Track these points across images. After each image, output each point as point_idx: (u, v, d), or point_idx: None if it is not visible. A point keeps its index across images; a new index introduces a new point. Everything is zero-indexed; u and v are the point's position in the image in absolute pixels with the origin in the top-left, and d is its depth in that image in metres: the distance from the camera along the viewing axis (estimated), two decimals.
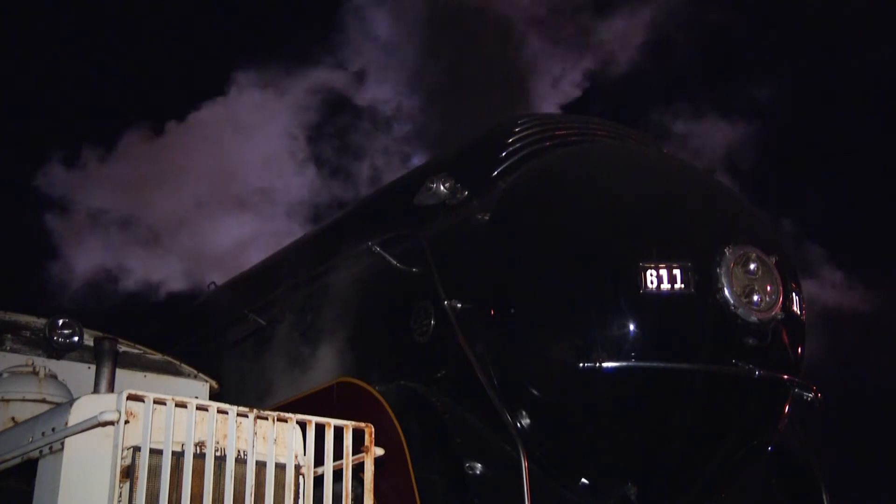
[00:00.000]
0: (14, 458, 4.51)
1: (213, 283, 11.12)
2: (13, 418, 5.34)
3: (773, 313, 6.41)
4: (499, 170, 7.27)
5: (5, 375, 5.76)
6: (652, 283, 6.31)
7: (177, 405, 4.29)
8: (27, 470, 4.42)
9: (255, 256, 11.46)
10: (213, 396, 6.85)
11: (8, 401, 5.53)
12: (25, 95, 16.56)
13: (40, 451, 4.36)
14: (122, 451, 4.15)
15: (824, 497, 6.87)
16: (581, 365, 6.27)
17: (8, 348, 6.39)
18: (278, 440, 4.57)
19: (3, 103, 16.13)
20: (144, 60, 16.75)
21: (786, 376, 6.63)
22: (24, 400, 5.52)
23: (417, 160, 10.55)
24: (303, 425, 4.65)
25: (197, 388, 6.92)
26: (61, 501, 4.15)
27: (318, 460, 4.65)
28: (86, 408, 4.29)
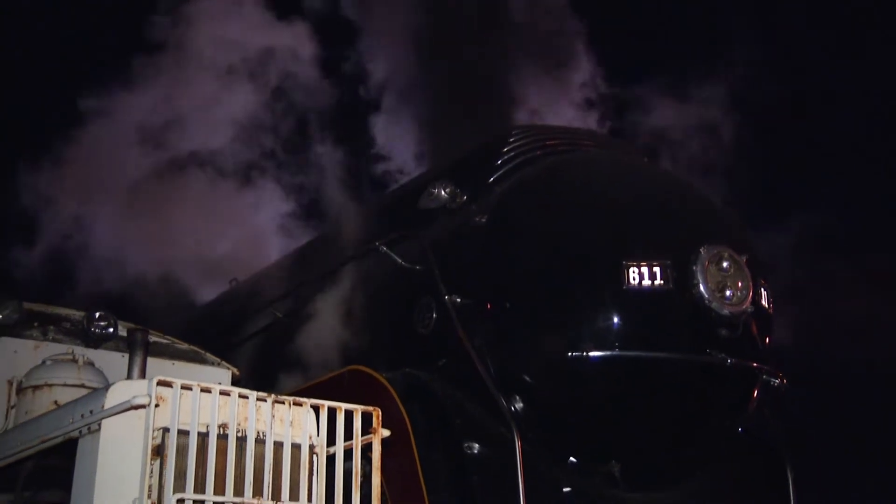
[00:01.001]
0: (57, 437, 4.53)
1: (235, 279, 11.07)
2: (55, 402, 5.36)
3: (744, 307, 6.44)
4: (495, 176, 7.30)
5: (48, 363, 5.75)
6: (634, 279, 6.35)
7: (202, 390, 4.29)
8: (69, 448, 4.44)
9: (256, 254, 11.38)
10: (235, 382, 6.80)
11: (51, 385, 5.53)
12: None
13: (80, 431, 4.39)
14: (153, 431, 4.16)
15: (788, 473, 6.88)
16: (570, 354, 6.32)
17: (51, 338, 6.39)
18: (294, 422, 4.57)
19: None
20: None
21: (755, 364, 6.65)
22: (65, 385, 5.53)
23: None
24: (316, 409, 4.63)
25: (220, 375, 6.87)
26: (99, 477, 4.18)
27: (330, 441, 4.64)
28: (120, 392, 4.30)
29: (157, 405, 4.17)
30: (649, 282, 6.35)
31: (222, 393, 4.38)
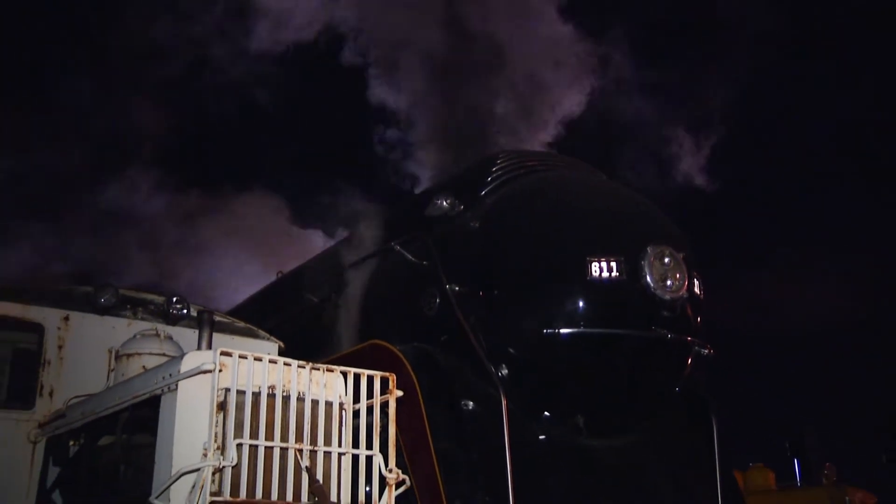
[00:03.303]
0: (145, 394, 4.68)
1: (281, 271, 11.07)
2: (144, 367, 5.46)
3: (681, 293, 6.50)
4: (486, 190, 7.32)
5: (138, 337, 5.83)
6: (596, 271, 6.42)
7: (255, 359, 4.36)
8: (154, 403, 4.59)
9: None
10: (281, 353, 6.74)
11: (140, 354, 5.62)
12: None
13: (162, 390, 4.52)
14: (217, 391, 4.25)
15: (713, 422, 6.92)
16: (545, 331, 6.40)
17: (139, 317, 6.50)
18: (327, 385, 4.62)
19: None
20: None
21: (689, 338, 6.69)
22: (150, 354, 5.60)
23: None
24: (344, 374, 4.69)
25: (269, 347, 6.94)
26: (177, 425, 4.31)
27: (356, 399, 4.72)
28: (192, 360, 4.40)
29: (220, 370, 4.27)
30: (608, 274, 6.41)
31: (271, 361, 4.45)
